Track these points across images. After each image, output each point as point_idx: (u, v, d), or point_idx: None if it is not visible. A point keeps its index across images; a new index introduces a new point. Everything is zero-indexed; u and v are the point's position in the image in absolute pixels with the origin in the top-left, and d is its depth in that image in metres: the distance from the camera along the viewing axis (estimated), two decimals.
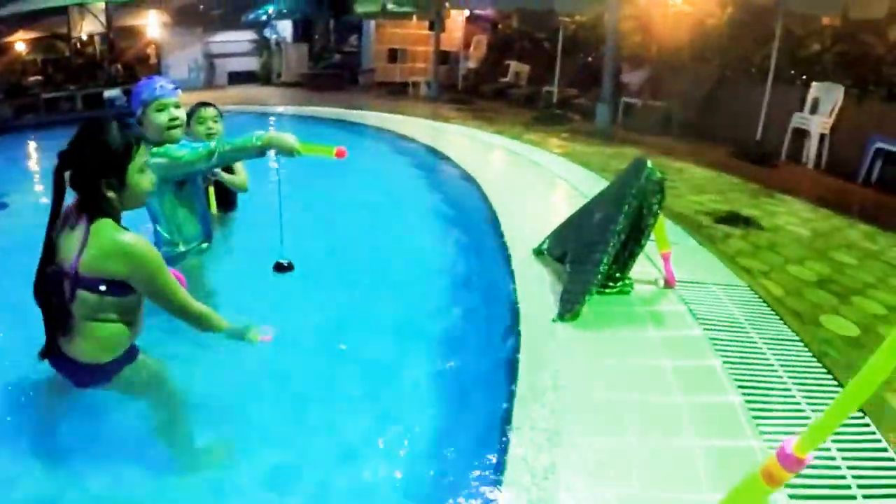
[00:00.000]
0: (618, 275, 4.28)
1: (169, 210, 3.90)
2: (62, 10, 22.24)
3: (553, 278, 4.55)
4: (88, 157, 2.51)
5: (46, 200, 2.79)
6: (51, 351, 2.63)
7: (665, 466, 2.63)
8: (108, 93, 20.43)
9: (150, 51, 28.54)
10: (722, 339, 3.68)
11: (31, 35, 28.03)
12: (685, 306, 4.09)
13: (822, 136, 9.07)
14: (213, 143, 3.75)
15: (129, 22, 25.69)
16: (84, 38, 25.02)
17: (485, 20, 19.73)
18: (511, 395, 3.15)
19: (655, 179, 4.06)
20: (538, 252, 5.05)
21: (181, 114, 3.87)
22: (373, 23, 22.81)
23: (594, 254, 4.14)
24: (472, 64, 19.54)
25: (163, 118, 3.76)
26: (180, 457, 2.91)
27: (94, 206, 2.51)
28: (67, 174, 2.51)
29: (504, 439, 2.83)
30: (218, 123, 4.91)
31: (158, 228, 3.93)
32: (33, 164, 11.72)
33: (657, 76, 12.31)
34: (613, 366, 3.40)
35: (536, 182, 7.65)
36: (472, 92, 17.83)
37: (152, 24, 26.20)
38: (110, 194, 2.52)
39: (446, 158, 9.31)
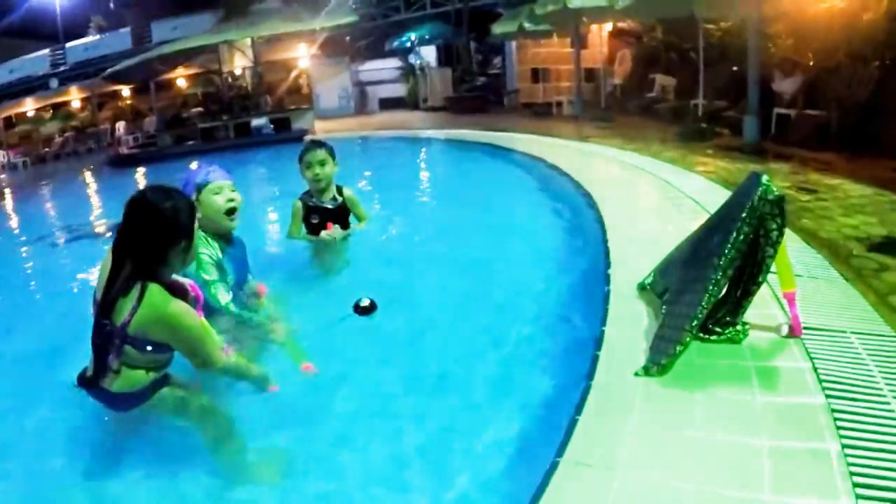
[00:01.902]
0: (728, 318, 3.41)
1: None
2: (214, 48, 23.35)
3: (651, 321, 3.75)
4: (159, 227, 2.74)
5: None
6: (87, 382, 2.87)
7: None
8: (256, 122, 21.37)
9: (302, 81, 29.58)
10: (849, 413, 2.67)
11: (190, 71, 29.89)
12: (809, 363, 3.11)
13: None
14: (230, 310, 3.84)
15: (277, 56, 26.97)
16: (235, 72, 26.36)
17: (629, 34, 18.82)
18: (551, 471, 2.50)
19: (772, 198, 3.19)
20: (642, 287, 4.25)
21: (238, 196, 3.97)
22: (514, 43, 22.48)
23: (692, 294, 3.34)
24: (617, 80, 18.72)
25: (220, 200, 3.88)
26: (232, 470, 3.04)
27: (150, 273, 2.73)
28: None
29: None
30: (325, 167, 5.15)
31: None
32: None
33: (812, 82, 10.96)
34: (694, 442, 2.57)
35: (661, 204, 6.76)
36: (617, 109, 17.01)
37: (301, 57, 27.08)
38: (176, 258, 2.82)
39: (566, 176, 8.86)
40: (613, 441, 2.64)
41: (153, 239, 2.75)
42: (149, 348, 2.78)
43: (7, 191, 20.05)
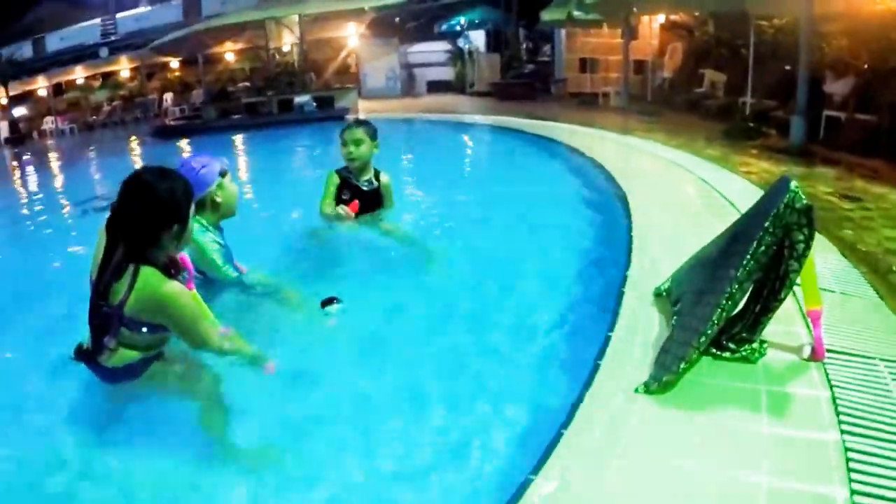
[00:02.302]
0: (744, 335, 3.12)
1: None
2: (261, 24, 23.37)
3: (662, 331, 3.47)
4: (154, 209, 2.67)
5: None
6: (83, 356, 2.89)
7: None
8: (299, 99, 21.35)
9: (351, 60, 29.47)
10: (865, 454, 2.34)
11: (238, 46, 29.99)
12: (828, 392, 2.79)
13: None
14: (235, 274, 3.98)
15: (324, 34, 26.93)
16: (282, 48, 26.40)
17: (681, 27, 18.31)
18: (521, 489, 2.30)
19: (800, 207, 2.89)
20: (658, 293, 3.97)
21: None
22: (563, 32, 22.12)
23: (703, 307, 3.05)
24: (666, 73, 18.22)
25: (235, 188, 4.03)
26: (223, 451, 2.99)
27: (143, 256, 2.68)
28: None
29: None
30: (361, 147, 5.10)
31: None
32: (240, 159, 14.48)
33: (865, 85, 10.42)
34: (683, 473, 2.31)
35: (695, 204, 6.43)
36: (664, 103, 16.58)
37: (349, 36, 26.97)
38: (169, 242, 2.76)
39: (601, 169, 8.61)
40: (595, 464, 2.41)
41: (147, 220, 2.67)
42: (144, 329, 2.79)
43: (54, 156, 20.40)
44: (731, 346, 3.13)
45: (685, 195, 7.04)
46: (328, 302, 4.14)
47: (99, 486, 2.83)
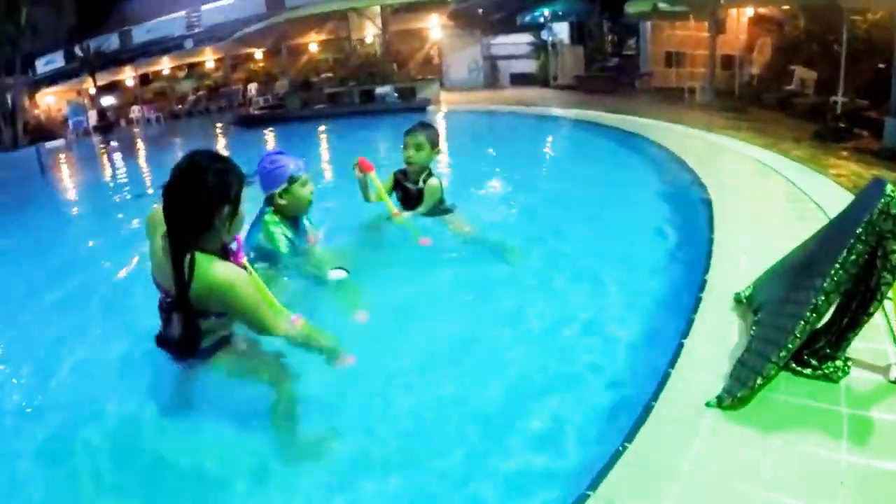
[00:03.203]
0: (827, 351, 2.90)
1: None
2: (344, 15, 23.59)
3: (740, 340, 3.28)
4: (204, 188, 2.67)
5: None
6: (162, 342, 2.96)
7: None
8: (380, 90, 21.54)
9: (434, 52, 29.52)
10: None
11: (321, 37, 30.39)
12: None
13: None
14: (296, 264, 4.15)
15: (407, 25, 27.13)
16: (365, 39, 26.63)
17: (770, 21, 17.67)
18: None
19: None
20: (738, 300, 3.75)
21: (313, 187, 4.22)
22: (649, 25, 21.67)
23: (786, 318, 2.85)
24: (754, 69, 17.62)
25: (307, 192, 4.13)
26: (281, 439, 3.03)
27: (198, 242, 2.70)
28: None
29: None
30: (421, 152, 5.11)
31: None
32: (321, 148, 15.11)
33: None
34: (752, 500, 2.15)
35: (781, 206, 6.13)
36: (752, 100, 16.02)
37: (432, 27, 27.01)
38: (221, 225, 2.74)
39: (684, 166, 8.43)
40: (654, 486, 2.27)
41: (199, 199, 2.68)
42: (212, 318, 2.85)
43: (141, 143, 21.02)
44: (813, 362, 2.92)
45: (771, 197, 6.73)
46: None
47: (168, 469, 2.96)
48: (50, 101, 36.20)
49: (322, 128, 18.66)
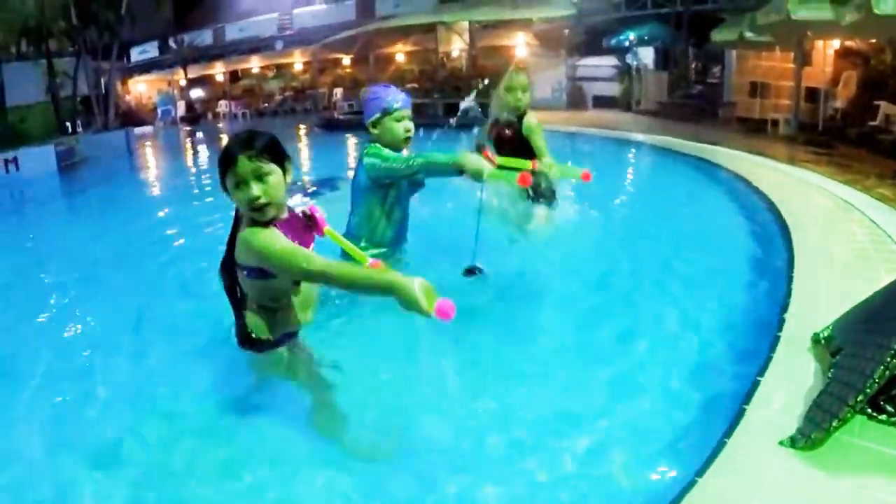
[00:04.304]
0: None
1: (368, 209, 4.24)
2: (432, 28, 23.93)
3: (817, 382, 3.34)
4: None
5: None
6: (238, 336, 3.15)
7: None
8: (464, 104, 21.35)
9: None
10: None
11: (408, 48, 30.86)
12: None
13: None
14: (408, 153, 4.18)
15: (493, 42, 27.36)
16: (451, 53, 26.99)
17: (856, 55, 17.31)
18: None
19: None
20: (816, 340, 3.79)
21: (412, 126, 4.23)
22: (734, 53, 21.40)
23: (865, 361, 2.94)
24: (839, 103, 17.28)
25: (400, 129, 4.14)
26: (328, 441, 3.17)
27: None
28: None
29: None
30: (527, 94, 5.42)
31: (350, 219, 4.31)
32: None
33: None
34: None
35: (863, 246, 6.06)
36: (835, 134, 15.72)
37: (519, 45, 27.15)
38: (231, 196, 2.90)
39: (764, 198, 8.43)
40: None
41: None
42: (253, 275, 2.95)
43: (226, 137, 21.71)
44: (890, 408, 2.98)
45: (852, 236, 6.69)
46: (470, 272, 4.39)
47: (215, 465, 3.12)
48: (141, 90, 37.99)
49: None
